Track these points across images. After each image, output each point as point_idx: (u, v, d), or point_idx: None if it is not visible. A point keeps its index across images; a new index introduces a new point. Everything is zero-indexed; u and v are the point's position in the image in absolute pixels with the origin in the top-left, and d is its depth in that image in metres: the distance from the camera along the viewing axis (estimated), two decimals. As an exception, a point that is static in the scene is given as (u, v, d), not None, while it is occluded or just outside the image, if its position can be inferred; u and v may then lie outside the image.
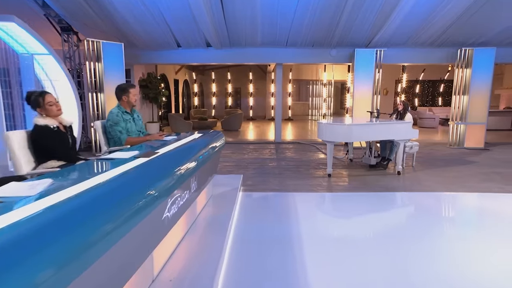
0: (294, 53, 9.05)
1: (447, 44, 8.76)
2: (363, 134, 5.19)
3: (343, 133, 5.11)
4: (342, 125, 5.20)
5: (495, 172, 5.84)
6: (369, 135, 5.26)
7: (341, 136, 5.14)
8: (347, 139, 5.17)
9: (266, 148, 8.64)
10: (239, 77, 20.75)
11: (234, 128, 12.88)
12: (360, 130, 5.16)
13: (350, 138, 5.14)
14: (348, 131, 5.09)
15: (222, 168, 6.23)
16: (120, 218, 1.40)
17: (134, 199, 1.59)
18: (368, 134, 5.23)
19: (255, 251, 2.89)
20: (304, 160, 7.00)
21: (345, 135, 5.11)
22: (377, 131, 5.31)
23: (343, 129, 5.13)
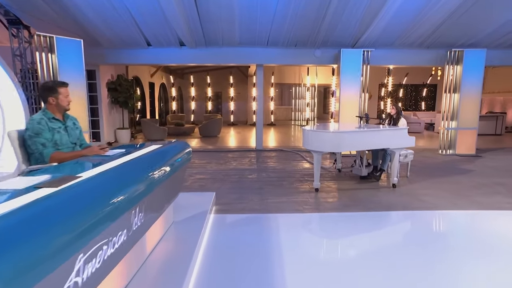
0: (276, 53, 8.38)
1: (436, 45, 8.32)
2: (355, 142, 4.52)
3: (332, 142, 4.42)
4: (330, 133, 4.51)
5: (498, 183, 5.30)
6: (361, 144, 4.59)
7: (329, 145, 4.44)
8: (337, 148, 4.48)
9: (246, 157, 7.88)
10: (219, 80, 19.98)
11: (213, 134, 12.07)
12: (352, 138, 4.49)
13: (340, 147, 4.45)
14: (337, 140, 4.40)
15: (194, 182, 5.42)
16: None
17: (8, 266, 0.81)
18: (360, 142, 4.57)
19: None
20: (287, 171, 6.29)
21: (335, 144, 4.42)
22: (370, 139, 4.65)
23: (332, 137, 4.44)
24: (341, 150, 4.46)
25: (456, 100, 8.18)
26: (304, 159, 7.56)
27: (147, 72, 13.69)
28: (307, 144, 4.71)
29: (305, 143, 4.75)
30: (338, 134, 4.43)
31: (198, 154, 8.20)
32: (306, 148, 4.77)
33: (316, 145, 4.53)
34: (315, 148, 4.58)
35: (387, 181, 5.40)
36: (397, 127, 4.93)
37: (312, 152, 4.72)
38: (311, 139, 4.60)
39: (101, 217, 1.48)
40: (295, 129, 15.45)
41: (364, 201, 4.38)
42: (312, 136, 4.59)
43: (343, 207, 4.16)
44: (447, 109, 8.31)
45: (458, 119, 8.15)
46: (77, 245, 1.30)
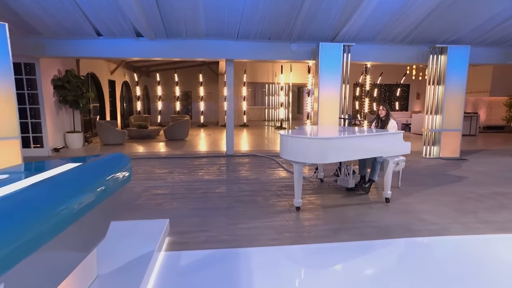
0: (247, 47, 7.48)
1: (419, 41, 7.78)
2: (346, 150, 3.71)
3: (318, 150, 3.57)
4: (316, 139, 3.65)
5: (497, 194, 4.72)
6: (353, 152, 3.79)
7: (314, 154, 3.60)
8: (323, 158, 3.63)
9: (215, 164, 6.93)
10: (188, 79, 18.82)
11: (180, 137, 10.98)
12: (342, 145, 3.68)
13: (327, 157, 3.61)
14: (325, 148, 3.57)
15: (147, 200, 4.41)
16: None
17: None
18: (352, 150, 3.76)
19: None
20: (262, 182, 5.41)
21: (321, 153, 3.58)
22: (363, 147, 3.86)
23: (318, 144, 3.59)
24: (328, 161, 3.64)
25: (440, 100, 7.68)
26: (281, 166, 6.72)
27: (106, 68, 12.34)
28: (285, 153, 3.85)
29: (283, 151, 3.89)
30: (326, 141, 3.58)
31: (160, 162, 7.14)
32: (285, 158, 3.91)
33: (297, 155, 3.68)
34: (295, 159, 3.72)
35: (377, 194, 4.66)
36: (392, 132, 4.17)
37: (292, 163, 3.86)
38: (290, 147, 3.74)
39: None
40: (269, 130, 14.65)
41: (356, 222, 3.58)
42: (292, 143, 3.73)
43: (331, 232, 3.33)
44: (431, 109, 7.80)
45: (443, 121, 7.65)
46: None
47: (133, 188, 5.01)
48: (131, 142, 10.33)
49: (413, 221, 3.60)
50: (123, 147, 9.29)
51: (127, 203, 4.29)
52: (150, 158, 7.58)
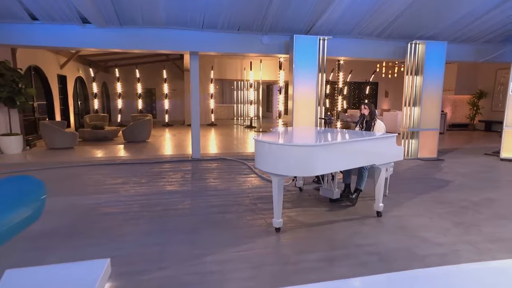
0: (214, 39, 6.68)
1: (395, 37, 7.39)
2: (338, 159, 3.05)
3: (303, 160, 2.89)
4: (302, 147, 2.93)
5: (491, 200, 4.33)
6: (345, 161, 3.14)
7: (299, 165, 2.91)
8: (310, 170, 2.94)
9: (179, 170, 6.08)
10: (151, 75, 17.58)
11: (141, 138, 9.93)
12: (333, 152, 3.01)
13: (315, 169, 2.93)
14: (313, 156, 2.89)
15: (92, 223, 3.51)
16: None
17: None
18: (344, 159, 3.11)
19: None
20: (233, 193, 4.66)
21: (308, 163, 2.89)
22: (357, 154, 3.24)
23: (304, 152, 2.89)
24: (317, 173, 2.97)
25: (418, 100, 7.34)
26: (253, 171, 6.01)
27: (55, 61, 10.94)
28: (262, 163, 3.13)
29: (260, 161, 3.17)
30: (315, 149, 2.89)
31: (114, 169, 6.16)
32: (261, 169, 3.20)
33: (278, 166, 2.98)
34: (275, 170, 3.02)
35: (365, 205, 4.09)
36: (387, 135, 3.59)
37: (270, 175, 3.15)
38: (268, 156, 3.03)
39: None
40: (239, 130, 13.91)
41: (350, 246, 2.95)
42: (270, 151, 3.02)
43: (324, 263, 2.67)
44: (409, 108, 7.45)
45: (421, 120, 7.33)
46: None
47: (75, 206, 4.07)
48: (84, 145, 9.14)
49: (414, 241, 3.04)
50: (72, 151, 8.12)
51: (62, 229, 3.38)
52: (103, 164, 6.56)
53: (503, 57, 8.30)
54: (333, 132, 4.16)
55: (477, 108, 14.12)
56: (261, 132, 12.65)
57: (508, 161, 7.19)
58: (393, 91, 18.95)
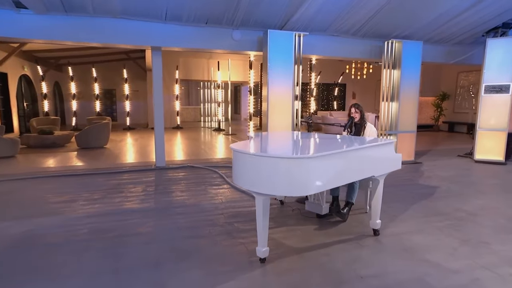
0: (179, 32, 5.95)
1: (371, 35, 7.10)
2: (338, 173, 2.49)
3: (297, 175, 2.29)
4: (298, 159, 2.28)
5: (485, 209, 4.04)
6: (345, 174, 2.60)
7: (291, 181, 2.31)
8: (305, 187, 2.34)
9: (140, 182, 5.28)
10: (110, 75, 16.32)
11: (97, 144, 8.89)
12: (334, 165, 2.45)
13: (311, 186, 2.33)
14: (310, 170, 2.30)
15: (25, 259, 2.68)
16: None
17: None
18: (344, 172, 2.56)
19: None
20: (204, 209, 3.99)
21: (302, 179, 2.31)
22: (358, 164, 2.71)
23: (300, 166, 2.27)
24: (312, 191, 2.40)
25: (395, 102, 7.10)
26: (226, 181, 5.37)
27: (-8, 58, 9.56)
28: (242, 179, 2.52)
29: (239, 176, 2.56)
30: (313, 161, 2.28)
31: (62, 182, 5.24)
32: (241, 186, 2.58)
33: (263, 183, 2.37)
34: (259, 189, 2.42)
35: (357, 221, 3.60)
36: (386, 141, 3.10)
37: (253, 194, 2.54)
38: (251, 170, 2.42)
39: None
40: (206, 133, 13.16)
41: (353, 279, 2.42)
42: (254, 164, 2.40)
43: (323, 306, 2.11)
44: (386, 112, 7.19)
45: (398, 122, 7.09)
46: None
47: (2, 236, 3.19)
48: (27, 153, 7.96)
49: (425, 268, 2.57)
50: (12, 161, 6.98)
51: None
52: (48, 177, 5.59)
53: (472, 59, 8.34)
54: (322, 138, 3.64)
55: (440, 110, 14.48)
56: (231, 135, 12.00)
57: (482, 163, 7.14)
58: (360, 93, 19.13)
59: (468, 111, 13.59)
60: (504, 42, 7.10)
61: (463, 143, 9.76)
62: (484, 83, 7.24)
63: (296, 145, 3.15)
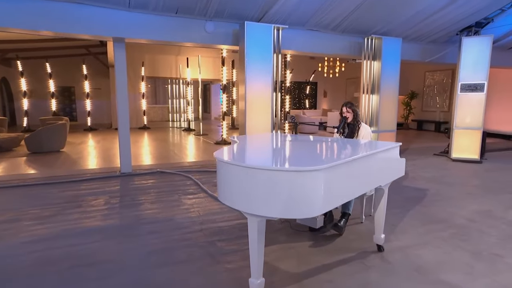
0: (145, 22, 5.30)
1: (350, 31, 6.84)
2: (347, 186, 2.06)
3: (301, 193, 1.83)
4: (300, 173, 1.79)
5: (482, 214, 3.83)
6: (354, 187, 2.17)
7: (294, 201, 1.84)
8: (311, 209, 1.87)
9: (102, 193, 4.59)
10: (68, 71, 14.99)
11: (52, 148, 7.93)
12: (343, 177, 2.00)
13: (318, 206, 1.87)
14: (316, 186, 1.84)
15: None
16: None
17: None
18: (354, 184, 2.14)
19: None
20: (179, 226, 3.43)
21: (308, 197, 1.84)
22: (368, 174, 2.30)
23: (302, 181, 1.80)
24: (318, 212, 1.94)
25: (375, 101, 6.90)
26: (201, 188, 4.81)
27: None
28: (230, 196, 2.03)
29: (226, 192, 2.06)
30: (320, 174, 1.79)
31: (4, 196, 4.41)
32: (229, 206, 2.08)
33: (257, 202, 1.89)
34: (253, 209, 1.93)
35: (353, 232, 3.22)
36: (392, 144, 2.72)
37: (245, 215, 2.04)
38: (242, 186, 1.94)
39: None
40: (176, 133, 12.42)
41: (365, 313, 2.01)
42: (247, 179, 1.91)
43: None
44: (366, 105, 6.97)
45: (379, 121, 6.90)
46: None
47: None
48: (-34, 159, 6.88)
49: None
50: None
51: None
52: (-11, 189, 4.72)
53: (446, 58, 8.37)
54: (316, 142, 3.21)
55: (410, 108, 14.75)
56: (202, 135, 11.37)
57: (459, 161, 7.14)
58: (331, 91, 19.16)
59: (436, 109, 13.93)
60: (478, 41, 7.13)
61: (435, 141, 9.87)
62: (460, 81, 7.24)
63: (295, 152, 2.68)
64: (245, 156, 2.29)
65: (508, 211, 3.91)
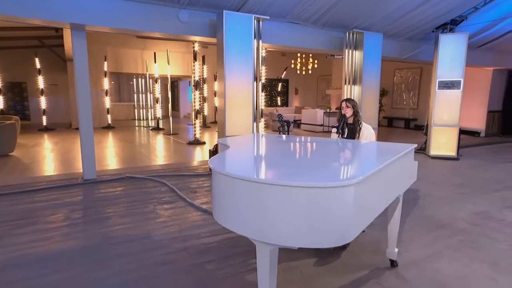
0: (109, 7, 4.64)
1: (331, 25, 6.57)
2: (375, 200, 1.70)
3: (331, 215, 1.43)
4: (331, 189, 1.39)
5: (478, 214, 3.67)
6: (381, 201, 1.82)
7: (323, 226, 1.45)
8: (343, 234, 1.47)
9: (61, 206, 3.93)
10: (18, 65, 13.57)
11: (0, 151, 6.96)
12: (373, 189, 1.64)
13: (350, 230, 1.49)
14: (349, 205, 1.45)
15: None
16: None
17: None
18: (381, 197, 1.80)
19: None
20: (157, 245, 2.92)
21: (339, 220, 1.45)
22: (392, 182, 1.98)
23: (334, 199, 1.40)
24: (351, 237, 1.55)
25: (357, 93, 6.70)
26: (178, 194, 4.29)
27: None
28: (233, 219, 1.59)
29: (227, 213, 1.62)
30: (354, 190, 1.42)
31: None
32: (231, 230, 1.64)
33: (271, 227, 1.47)
34: (265, 237, 1.51)
35: (357, 244, 2.90)
36: (409, 146, 2.38)
37: (254, 242, 1.61)
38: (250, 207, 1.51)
39: None
40: (143, 133, 11.62)
41: None
42: (256, 198, 1.48)
43: None
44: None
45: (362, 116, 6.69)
46: None
47: None
48: None
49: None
50: None
51: None
52: None
53: (421, 56, 8.40)
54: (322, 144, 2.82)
55: (381, 105, 14.97)
56: (172, 135, 10.69)
57: (437, 158, 7.15)
58: (303, 88, 19.09)
59: (405, 107, 14.23)
60: (454, 38, 7.16)
61: (407, 138, 9.97)
62: (438, 78, 7.24)
63: (309, 160, 2.26)
64: (252, 167, 1.85)
65: (503, 211, 3.80)
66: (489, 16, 7.52)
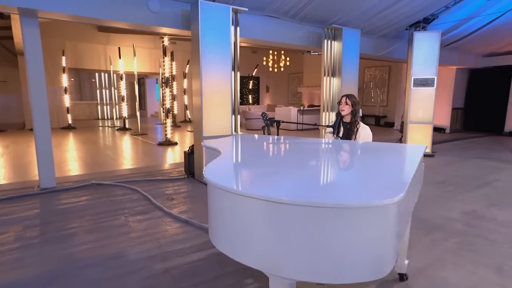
0: (68, -7, 4.07)
1: (309, 20, 6.37)
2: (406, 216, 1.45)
3: (368, 242, 1.14)
4: (372, 209, 1.10)
5: (471, 213, 3.59)
6: (408, 214, 1.59)
7: (359, 257, 1.15)
8: (380, 266, 1.21)
9: (13, 222, 3.35)
10: (-40, 59, 12.14)
11: None
12: (406, 205, 1.38)
13: (388, 259, 1.23)
14: (389, 228, 1.17)
15: None
16: None
17: None
18: (408, 212, 1.54)
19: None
20: (133, 268, 2.50)
21: (376, 248, 1.17)
22: (413, 193, 1.71)
23: (374, 221, 1.11)
24: (388, 269, 1.27)
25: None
26: (153, 203, 3.84)
27: None
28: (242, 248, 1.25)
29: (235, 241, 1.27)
30: (395, 207, 1.15)
31: None
32: (241, 262, 1.30)
33: (288, 259, 1.15)
34: (281, 270, 1.18)
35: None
36: (422, 146, 2.18)
37: (268, 274, 1.28)
38: (267, 234, 1.18)
39: None
40: (108, 133, 10.83)
41: None
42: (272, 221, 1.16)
43: None
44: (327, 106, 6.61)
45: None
46: None
47: None
48: None
49: None
50: None
51: None
52: None
53: (394, 53, 8.46)
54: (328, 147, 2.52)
55: (353, 102, 15.15)
56: (140, 135, 10.03)
57: (413, 155, 7.20)
58: (274, 86, 18.93)
59: (375, 104, 14.50)
60: (428, 36, 7.23)
61: (380, 135, 10.07)
62: (413, 76, 7.29)
63: (329, 171, 1.93)
64: (270, 182, 1.50)
65: (491, 210, 3.76)
66: (458, 15, 7.69)
